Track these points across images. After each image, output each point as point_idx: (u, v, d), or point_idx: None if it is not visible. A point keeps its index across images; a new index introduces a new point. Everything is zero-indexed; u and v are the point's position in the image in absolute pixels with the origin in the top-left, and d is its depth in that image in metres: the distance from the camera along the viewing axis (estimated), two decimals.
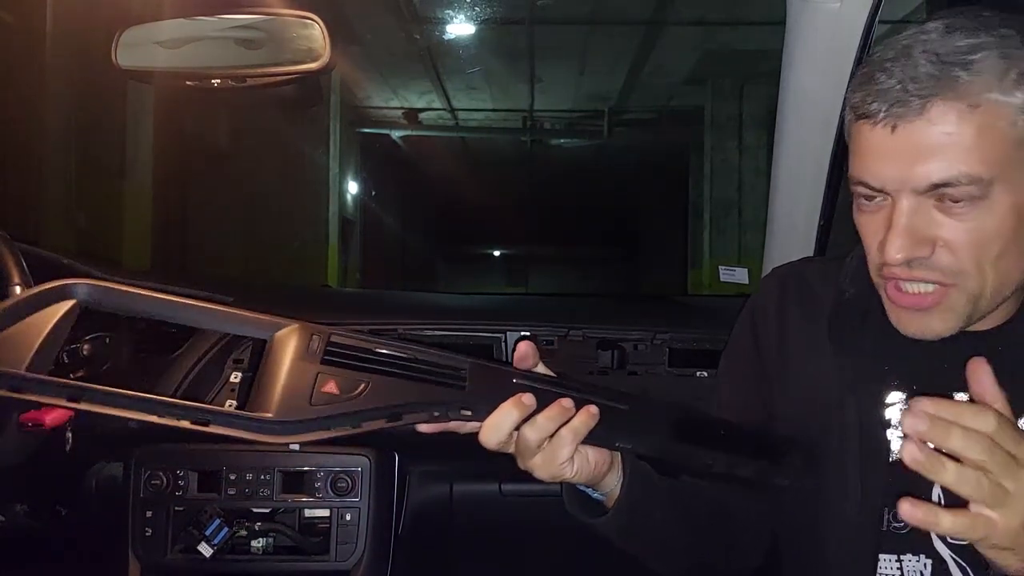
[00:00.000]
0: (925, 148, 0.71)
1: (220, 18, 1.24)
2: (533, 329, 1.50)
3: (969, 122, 0.70)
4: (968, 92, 0.69)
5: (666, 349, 1.49)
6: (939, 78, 0.70)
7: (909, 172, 0.72)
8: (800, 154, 1.32)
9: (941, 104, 0.70)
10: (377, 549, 1.39)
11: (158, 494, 1.36)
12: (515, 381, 0.71)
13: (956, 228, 0.72)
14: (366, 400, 0.64)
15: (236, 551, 1.36)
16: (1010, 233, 0.72)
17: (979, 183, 0.70)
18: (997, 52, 0.70)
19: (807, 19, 1.20)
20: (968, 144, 0.70)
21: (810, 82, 1.24)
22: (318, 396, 0.63)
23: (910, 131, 0.71)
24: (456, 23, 6.50)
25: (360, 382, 0.65)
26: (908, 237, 0.73)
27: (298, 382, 0.64)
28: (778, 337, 0.92)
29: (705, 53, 6.99)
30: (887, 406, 0.83)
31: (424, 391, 0.67)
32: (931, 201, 0.72)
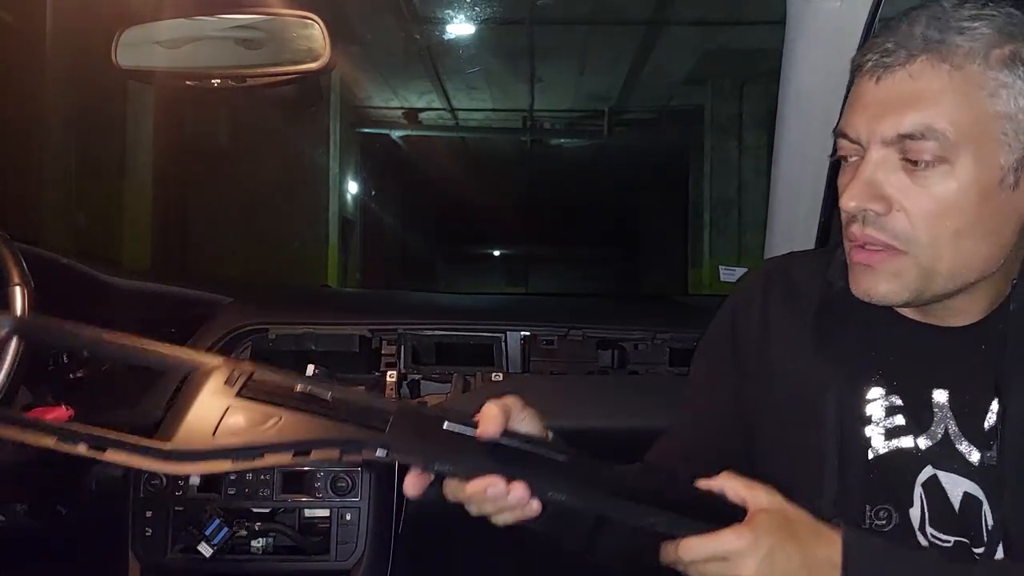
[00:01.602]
0: (900, 99, 0.72)
1: (220, 18, 1.24)
2: (533, 329, 1.50)
3: (948, 83, 0.71)
4: (954, 55, 0.71)
5: (667, 349, 1.50)
6: (930, 38, 0.72)
7: (881, 120, 0.73)
8: (800, 154, 1.31)
9: (925, 61, 0.72)
10: (377, 549, 1.39)
11: (158, 494, 1.36)
12: (444, 427, 0.67)
13: (916, 192, 0.73)
14: (274, 434, 0.63)
15: (236, 551, 1.36)
16: (971, 209, 0.72)
17: (945, 143, 0.71)
18: (996, 26, 0.71)
19: (807, 19, 1.20)
20: (943, 103, 0.71)
21: (810, 82, 1.24)
22: (224, 428, 0.62)
23: (891, 82, 0.73)
24: (456, 23, 6.50)
25: (271, 416, 0.63)
26: (867, 188, 0.74)
27: (206, 414, 0.63)
28: (759, 331, 0.90)
29: (705, 53, 6.98)
30: (867, 402, 0.82)
31: (338, 429, 0.64)
32: (898, 158, 0.73)
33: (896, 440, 0.81)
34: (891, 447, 0.81)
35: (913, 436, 0.80)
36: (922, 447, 0.80)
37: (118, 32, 1.23)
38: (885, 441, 0.81)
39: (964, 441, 0.79)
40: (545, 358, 1.49)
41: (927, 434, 0.80)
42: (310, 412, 0.64)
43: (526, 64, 7.28)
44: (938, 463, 0.79)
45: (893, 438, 0.81)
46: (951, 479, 0.79)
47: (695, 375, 1.00)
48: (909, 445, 0.80)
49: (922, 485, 0.80)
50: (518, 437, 0.70)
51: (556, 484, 0.68)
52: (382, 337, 1.48)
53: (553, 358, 1.49)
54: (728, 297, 0.98)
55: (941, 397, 0.80)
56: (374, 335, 1.47)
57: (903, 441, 0.80)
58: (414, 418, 0.67)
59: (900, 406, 0.81)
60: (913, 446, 0.80)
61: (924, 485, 0.80)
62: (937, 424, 0.80)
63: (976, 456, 0.78)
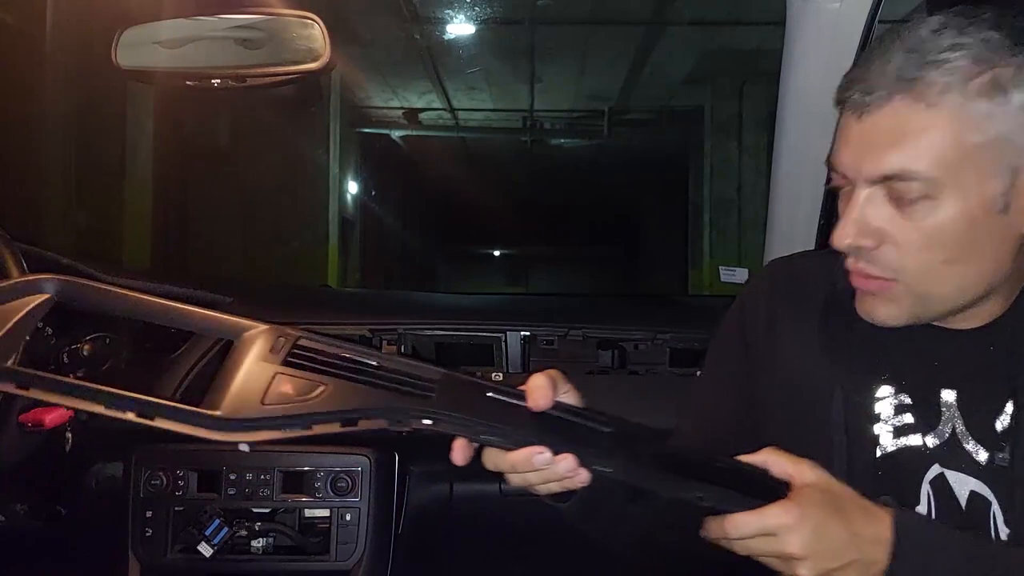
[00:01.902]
0: (881, 139, 0.72)
1: (220, 18, 1.24)
2: (533, 329, 1.50)
3: (927, 122, 0.70)
4: (930, 92, 0.70)
5: (667, 349, 1.49)
6: (906, 74, 0.71)
7: (864, 161, 0.73)
8: (800, 154, 1.32)
9: (902, 99, 0.71)
10: (377, 549, 1.39)
11: (158, 494, 1.36)
12: (488, 395, 0.67)
13: (904, 226, 0.73)
14: (321, 403, 0.62)
15: (236, 551, 1.36)
16: (960, 238, 0.72)
17: (928, 182, 0.70)
18: (973, 55, 0.70)
19: (807, 19, 1.20)
20: (922, 142, 0.70)
21: (810, 82, 1.24)
22: (271, 396, 0.62)
23: (872, 121, 0.73)
24: (456, 23, 6.50)
25: (318, 385, 0.63)
26: (856, 226, 0.74)
27: (253, 382, 0.62)
28: (767, 329, 0.91)
29: (705, 53, 6.99)
30: (877, 400, 0.83)
31: (384, 397, 0.64)
32: (885, 194, 0.73)
33: (904, 438, 0.81)
34: (899, 445, 0.81)
35: (921, 434, 0.81)
36: (930, 445, 0.80)
37: (118, 32, 1.23)
38: (893, 439, 0.81)
39: (971, 441, 0.79)
40: (545, 358, 1.49)
41: (935, 433, 0.80)
42: (356, 380, 0.64)
43: (526, 64, 7.28)
44: (945, 462, 0.80)
45: (901, 436, 0.81)
46: (958, 478, 0.79)
47: (705, 374, 1.00)
48: (917, 443, 0.81)
49: (929, 483, 0.80)
50: (562, 407, 0.69)
51: (603, 456, 0.67)
52: (382, 337, 1.48)
53: (553, 358, 1.49)
54: (737, 297, 0.99)
55: (949, 397, 0.81)
56: (374, 335, 1.47)
57: (911, 439, 0.81)
58: (459, 386, 0.67)
59: (909, 404, 0.82)
60: (921, 444, 0.81)
61: (931, 483, 0.80)
62: (945, 423, 0.80)
63: (984, 456, 0.79)
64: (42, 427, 1.17)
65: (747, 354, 0.93)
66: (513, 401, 0.68)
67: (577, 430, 0.69)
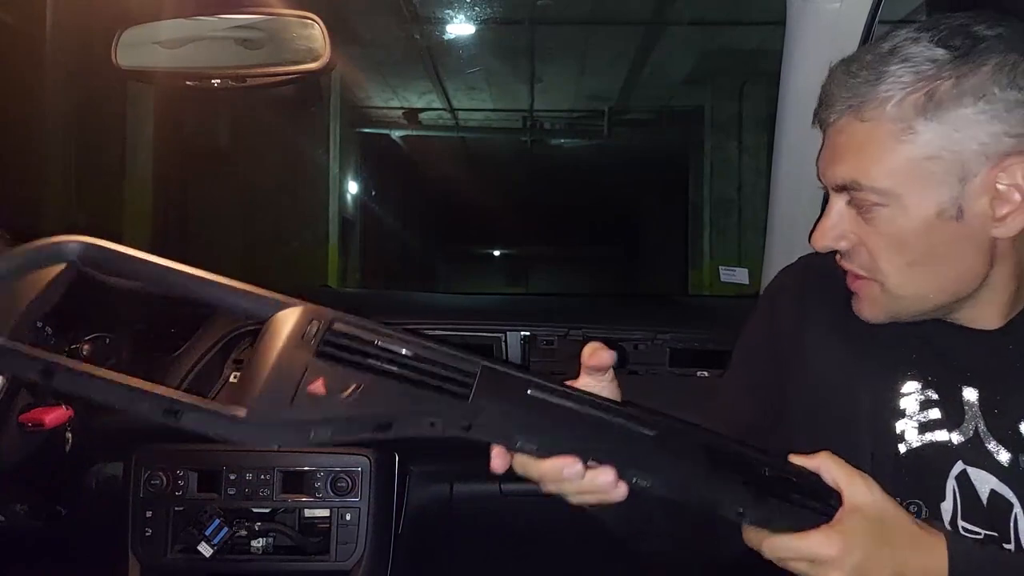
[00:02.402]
0: (835, 152, 0.78)
1: (220, 18, 1.24)
2: (533, 329, 1.50)
3: (865, 137, 0.75)
4: (867, 108, 0.75)
5: (667, 349, 1.50)
6: (853, 93, 0.75)
7: (826, 171, 0.80)
8: (800, 154, 1.31)
9: (846, 117, 0.76)
10: (377, 549, 1.39)
11: (158, 494, 1.36)
12: (529, 392, 0.64)
13: (868, 231, 0.78)
14: (354, 405, 0.59)
15: (236, 551, 1.36)
16: (918, 243, 0.75)
17: (879, 193, 0.75)
18: (916, 72, 0.72)
19: (807, 19, 1.20)
20: (864, 156, 0.75)
21: (810, 82, 1.23)
22: (302, 396, 0.58)
23: (829, 135, 0.79)
24: (456, 23, 6.50)
25: (351, 382, 0.59)
26: (829, 230, 0.80)
27: (284, 376, 0.58)
28: (798, 324, 0.92)
29: (705, 53, 6.98)
30: (902, 395, 0.83)
31: (421, 399, 0.61)
32: (848, 200, 0.79)
33: (930, 434, 0.82)
34: (924, 440, 0.82)
35: (947, 431, 0.81)
36: (955, 442, 0.81)
37: (118, 32, 1.23)
38: (918, 435, 0.82)
39: (992, 440, 0.80)
40: (545, 358, 1.49)
41: (960, 430, 0.81)
42: (390, 376, 0.61)
43: (526, 64, 7.28)
44: (968, 459, 0.80)
45: (927, 432, 0.82)
46: (980, 476, 0.79)
47: (730, 372, 1.01)
48: (943, 439, 0.81)
49: (955, 479, 0.80)
50: (605, 406, 0.66)
51: (642, 466, 0.65)
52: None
53: (553, 358, 1.49)
54: (765, 289, 1.01)
55: (971, 396, 0.81)
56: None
57: (937, 435, 0.81)
58: (498, 384, 0.63)
59: (936, 400, 0.82)
60: (947, 440, 0.81)
61: (957, 479, 0.80)
62: (968, 421, 0.81)
63: (1005, 456, 0.79)
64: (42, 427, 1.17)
65: (776, 350, 0.94)
66: (555, 400, 0.64)
67: (618, 434, 0.65)
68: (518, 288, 13.82)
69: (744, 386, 0.97)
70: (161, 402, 0.57)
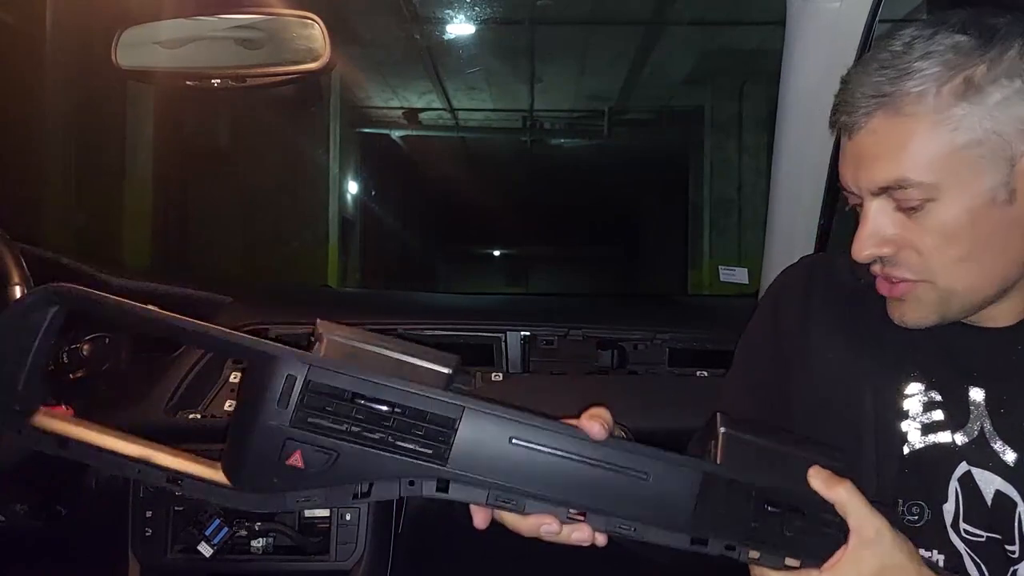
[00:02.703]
0: (870, 155, 0.76)
1: (220, 18, 1.24)
2: (533, 329, 1.50)
3: (907, 133, 0.73)
4: (905, 103, 0.73)
5: (666, 349, 1.50)
6: (881, 91, 0.74)
7: (861, 176, 0.77)
8: (800, 154, 1.32)
9: (881, 116, 0.75)
10: (377, 549, 1.39)
11: (158, 494, 1.36)
12: (512, 442, 0.63)
13: (916, 230, 0.76)
14: (331, 476, 0.62)
15: (236, 551, 1.36)
16: (969, 235, 0.74)
17: (923, 187, 0.73)
18: (943, 61, 0.72)
19: (807, 19, 1.20)
20: (907, 152, 0.73)
21: (810, 82, 1.24)
22: (284, 468, 0.61)
23: (859, 139, 0.77)
24: (456, 23, 6.50)
25: (327, 454, 0.61)
26: (871, 238, 0.78)
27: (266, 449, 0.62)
28: (801, 325, 0.92)
29: (705, 53, 6.98)
30: (905, 397, 0.83)
31: (398, 463, 0.62)
32: (891, 203, 0.76)
33: (933, 435, 0.82)
34: (927, 442, 0.82)
35: (950, 432, 0.81)
36: (959, 443, 0.81)
37: (118, 32, 1.23)
38: (921, 436, 0.82)
39: (998, 440, 0.80)
40: (545, 358, 1.49)
41: (963, 431, 0.81)
42: (368, 444, 0.61)
43: (526, 64, 7.28)
44: (973, 460, 0.80)
45: (930, 433, 0.82)
46: (984, 476, 0.79)
47: (735, 371, 1.01)
48: (946, 440, 0.81)
49: (958, 480, 0.80)
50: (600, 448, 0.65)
51: (626, 516, 0.64)
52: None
53: (553, 358, 1.49)
54: (768, 289, 1.00)
55: (977, 395, 0.81)
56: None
57: (940, 436, 0.81)
58: (480, 430, 0.63)
59: (939, 401, 0.82)
60: (950, 441, 0.81)
61: (960, 480, 0.80)
62: (973, 421, 0.81)
63: (1011, 456, 0.79)
64: None
65: (779, 351, 0.93)
66: (539, 450, 0.63)
67: (603, 485, 0.64)
68: (518, 288, 13.81)
69: (746, 386, 0.97)
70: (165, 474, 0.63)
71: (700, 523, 0.65)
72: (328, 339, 0.63)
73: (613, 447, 0.64)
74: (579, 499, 0.64)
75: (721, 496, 0.65)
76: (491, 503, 0.64)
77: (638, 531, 0.65)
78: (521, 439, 0.63)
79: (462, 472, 0.63)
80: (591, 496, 0.64)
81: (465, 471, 0.63)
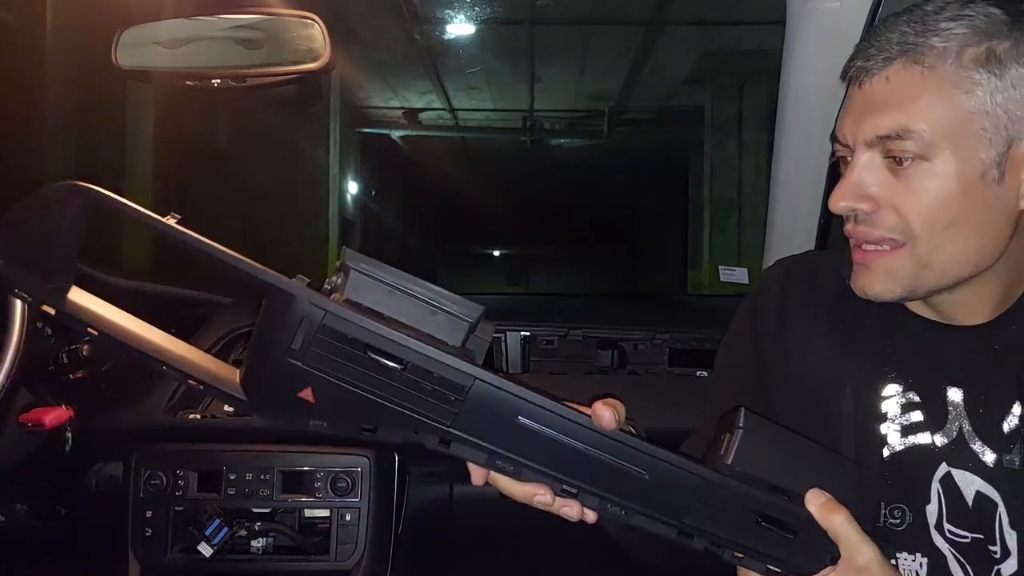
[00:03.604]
0: (878, 102, 0.75)
1: (220, 18, 1.24)
2: (533, 329, 1.50)
3: (922, 84, 0.73)
4: (926, 56, 0.73)
5: (666, 349, 1.50)
6: (905, 42, 0.74)
7: (862, 124, 0.76)
8: (800, 154, 1.32)
9: (900, 63, 0.74)
10: (377, 549, 1.39)
11: (158, 494, 1.36)
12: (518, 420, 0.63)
13: (901, 190, 0.75)
14: (340, 415, 0.62)
15: (236, 551, 1.36)
16: (955, 203, 0.73)
17: (923, 142, 0.72)
18: (972, 26, 0.72)
19: (807, 19, 1.20)
20: (917, 103, 0.73)
21: (810, 82, 1.24)
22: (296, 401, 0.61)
23: (871, 86, 0.76)
24: (456, 23, 6.50)
25: (337, 394, 0.61)
26: (853, 189, 0.76)
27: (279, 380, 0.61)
28: (778, 326, 0.91)
29: (705, 53, 6.98)
30: (883, 399, 0.83)
31: (406, 411, 0.61)
32: (882, 158, 0.75)
33: (913, 437, 0.81)
34: (907, 444, 0.81)
35: (930, 433, 0.81)
36: (938, 444, 0.80)
37: (118, 32, 1.23)
38: (901, 438, 0.81)
39: (978, 441, 0.79)
40: (545, 358, 1.49)
41: (943, 432, 0.80)
42: (381, 385, 0.61)
43: (526, 64, 7.28)
44: (952, 461, 0.80)
45: (910, 435, 0.81)
46: (964, 477, 0.79)
47: (717, 375, 1.00)
48: (926, 442, 0.81)
49: (939, 481, 0.80)
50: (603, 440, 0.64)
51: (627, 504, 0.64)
52: None
53: (553, 358, 1.49)
54: (747, 295, 0.99)
55: (955, 396, 0.81)
56: None
57: (920, 438, 0.81)
58: (488, 402, 0.62)
59: (917, 403, 0.82)
60: (930, 442, 0.81)
61: (941, 482, 0.80)
62: (952, 422, 0.80)
63: (991, 457, 0.79)
64: (42, 427, 1.17)
65: (758, 353, 0.93)
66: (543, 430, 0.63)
67: (602, 471, 0.64)
68: (518, 288, 13.81)
69: (729, 390, 0.96)
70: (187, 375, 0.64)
71: (692, 522, 0.65)
72: (353, 273, 0.62)
73: (619, 440, 0.64)
74: (578, 479, 0.64)
75: (718, 504, 0.65)
76: (489, 465, 0.65)
77: (628, 515, 0.65)
78: (529, 418, 0.63)
79: (466, 436, 0.63)
80: (590, 479, 0.65)
81: (469, 435, 0.63)
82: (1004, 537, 0.77)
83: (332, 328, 0.60)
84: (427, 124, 9.32)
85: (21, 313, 0.99)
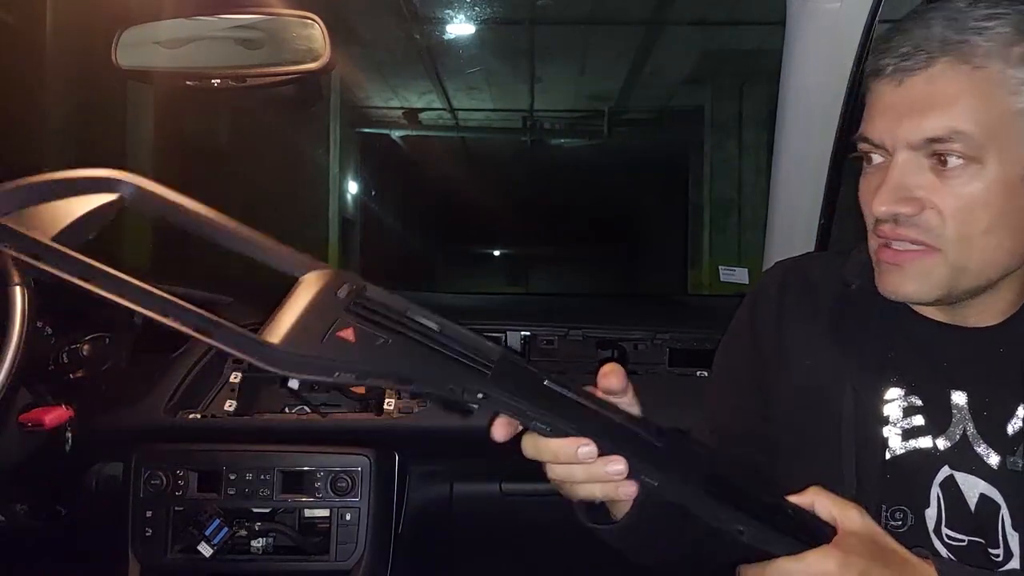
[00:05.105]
0: (924, 103, 0.72)
1: (220, 18, 1.24)
2: (533, 329, 1.50)
3: (970, 83, 0.71)
4: (973, 55, 0.71)
5: (666, 349, 1.50)
6: (949, 39, 0.71)
7: (906, 125, 0.73)
8: (800, 154, 1.32)
9: (945, 63, 0.71)
10: (377, 549, 1.40)
11: (158, 494, 1.36)
12: (545, 384, 0.65)
13: (945, 192, 0.73)
14: (380, 356, 0.60)
15: (236, 551, 1.37)
16: (998, 206, 0.72)
17: (971, 143, 0.71)
18: (1012, 24, 0.71)
19: (807, 19, 1.20)
20: (966, 104, 0.71)
21: (810, 82, 1.24)
22: (332, 338, 0.59)
23: (912, 85, 0.73)
24: (456, 23, 6.49)
25: (379, 338, 0.61)
26: (897, 191, 0.74)
27: (315, 320, 0.60)
28: (777, 327, 0.90)
29: (705, 53, 6.98)
30: (885, 402, 0.82)
31: (443, 365, 0.62)
32: (925, 160, 0.73)
33: (914, 440, 0.81)
34: (908, 447, 0.81)
35: (932, 436, 0.80)
36: (940, 448, 0.80)
37: (118, 32, 1.23)
38: (902, 442, 0.81)
39: (982, 443, 0.79)
40: (545, 358, 1.49)
41: (945, 435, 0.80)
42: (416, 341, 0.62)
43: (526, 64, 7.28)
44: (955, 464, 0.79)
45: (911, 438, 0.81)
46: (968, 480, 0.79)
47: (716, 375, 1.00)
48: (927, 445, 0.80)
49: (939, 485, 0.80)
50: (617, 411, 0.67)
51: (651, 468, 0.65)
52: None
53: (553, 358, 1.49)
54: (746, 297, 0.99)
55: (960, 399, 0.80)
56: None
57: (921, 441, 0.81)
58: (516, 370, 0.64)
59: (919, 406, 0.81)
60: (931, 446, 0.80)
61: (941, 485, 0.80)
62: (955, 425, 0.80)
63: (995, 459, 0.78)
64: (42, 427, 1.17)
65: (757, 354, 0.92)
66: (570, 396, 0.65)
67: (629, 437, 0.66)
68: (518, 288, 13.81)
69: (727, 392, 0.96)
70: (195, 319, 0.60)
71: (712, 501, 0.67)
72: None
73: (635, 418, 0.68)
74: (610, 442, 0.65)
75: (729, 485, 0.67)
76: (527, 422, 0.65)
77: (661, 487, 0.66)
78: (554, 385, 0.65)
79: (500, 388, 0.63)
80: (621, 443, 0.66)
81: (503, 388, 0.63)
82: (1007, 539, 0.77)
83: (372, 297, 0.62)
84: (427, 124, 9.32)
85: (21, 313, 0.99)
